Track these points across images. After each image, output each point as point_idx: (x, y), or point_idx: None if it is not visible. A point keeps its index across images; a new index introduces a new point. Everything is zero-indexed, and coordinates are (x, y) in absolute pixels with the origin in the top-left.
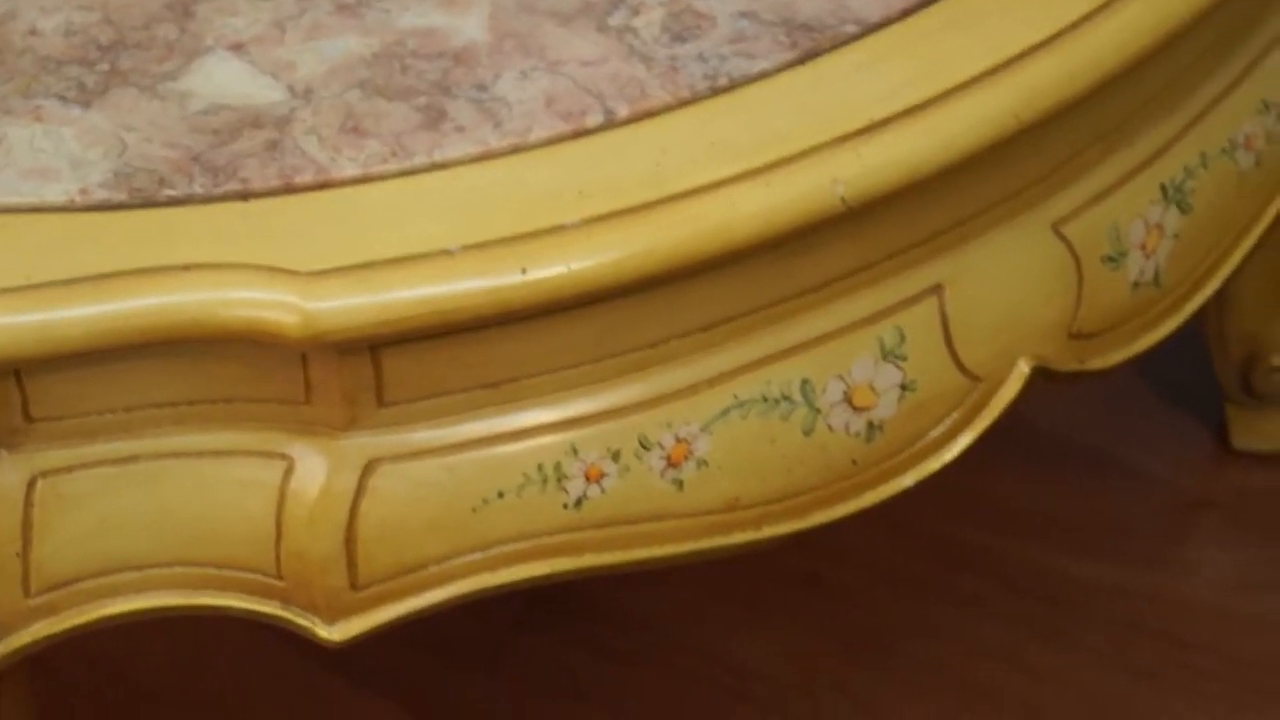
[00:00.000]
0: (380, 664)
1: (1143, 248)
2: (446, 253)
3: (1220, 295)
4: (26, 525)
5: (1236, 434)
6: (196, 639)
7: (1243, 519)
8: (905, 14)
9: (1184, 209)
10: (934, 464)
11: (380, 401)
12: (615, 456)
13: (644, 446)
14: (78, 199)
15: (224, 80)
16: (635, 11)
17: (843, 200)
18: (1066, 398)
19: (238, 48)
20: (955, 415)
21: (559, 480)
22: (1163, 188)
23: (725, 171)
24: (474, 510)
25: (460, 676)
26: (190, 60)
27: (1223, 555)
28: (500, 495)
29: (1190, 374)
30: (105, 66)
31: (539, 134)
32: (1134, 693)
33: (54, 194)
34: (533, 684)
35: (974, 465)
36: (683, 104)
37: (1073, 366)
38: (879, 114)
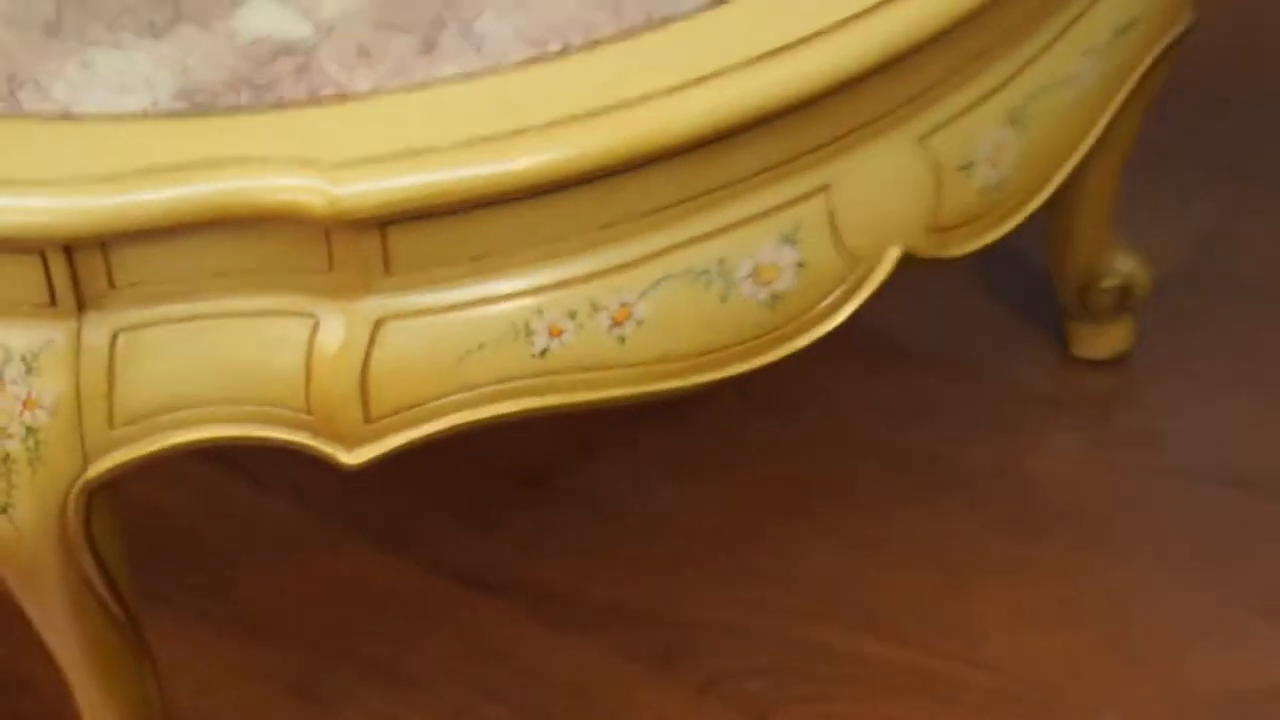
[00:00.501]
0: (396, 525)
1: (990, 160)
2: (438, 148)
3: (1060, 230)
4: (110, 371)
5: (1075, 344)
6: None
7: (1080, 410)
8: None
9: (1023, 130)
10: (824, 329)
11: (387, 271)
12: (572, 316)
13: (594, 309)
14: (150, 109)
15: (263, 19)
16: None
17: (764, 108)
18: (941, 320)
19: None
20: (840, 290)
21: (527, 335)
22: (1008, 111)
23: (660, 86)
24: (460, 359)
25: (469, 535)
26: (237, 5)
27: (1065, 435)
28: (481, 347)
29: (1036, 298)
30: (170, 10)
31: (511, 59)
32: (990, 540)
33: (130, 105)
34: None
35: (869, 377)
36: (626, 36)
37: (933, 253)
38: (779, 42)
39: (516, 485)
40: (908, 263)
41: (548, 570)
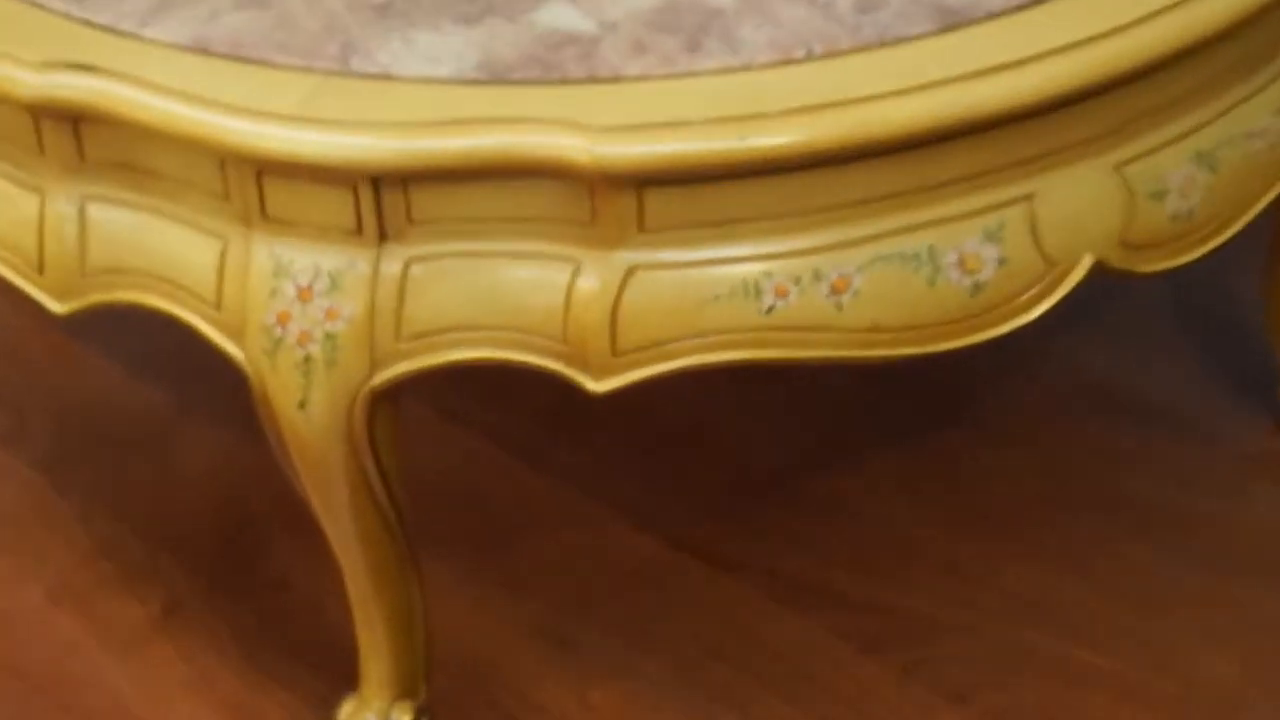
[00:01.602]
0: (654, 507)
1: (1180, 191)
2: (691, 122)
3: (1277, 297)
4: (401, 292)
5: None
6: None
7: None
8: (1020, 8)
9: (1213, 170)
10: (1021, 320)
11: (640, 228)
12: (796, 281)
13: (817, 277)
14: (455, 76)
15: (559, 16)
16: None
17: (967, 118)
18: (1162, 376)
19: (572, 1)
20: (1037, 288)
21: (757, 294)
22: (1198, 153)
23: (882, 90)
24: (697, 308)
25: (716, 521)
26: (539, 5)
27: (1273, 489)
28: (716, 299)
29: (1255, 361)
30: (484, 4)
31: (762, 60)
32: (1191, 574)
33: (441, 72)
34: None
35: (1091, 423)
36: (860, 50)
37: (1123, 266)
38: (986, 65)
39: (764, 483)
40: (1100, 270)
41: (782, 557)
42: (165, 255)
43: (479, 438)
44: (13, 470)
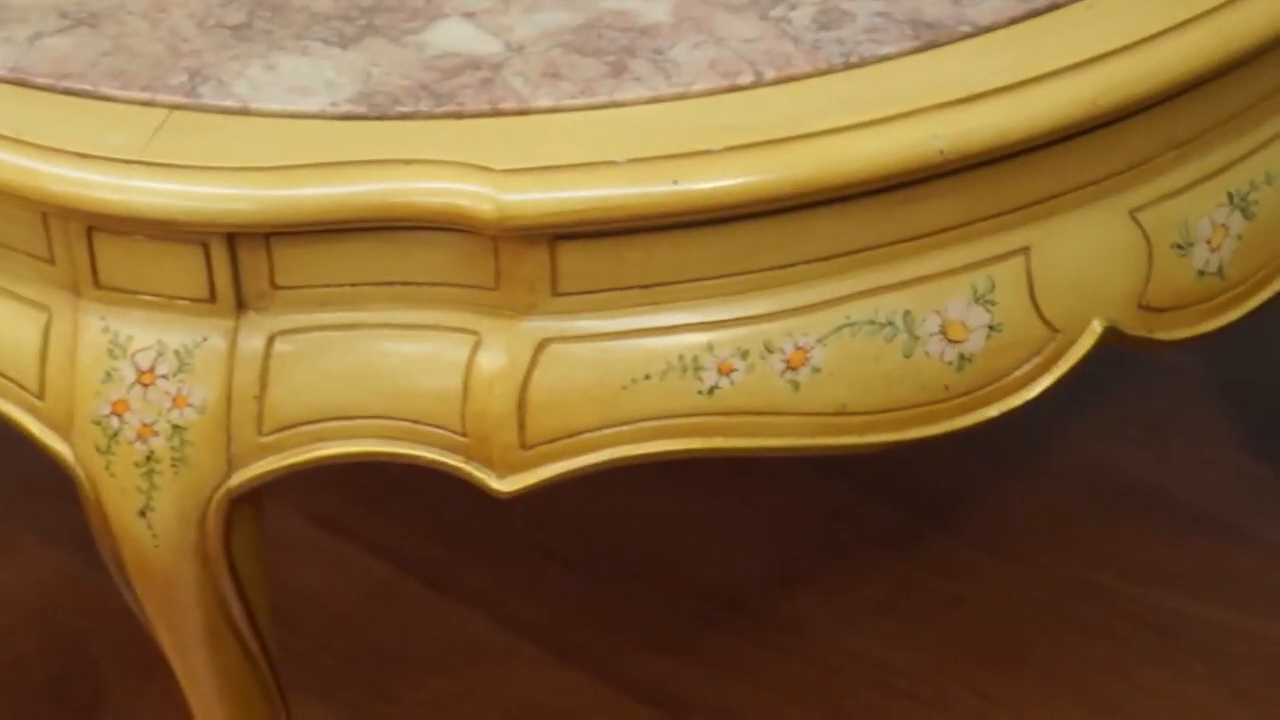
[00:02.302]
0: (580, 637)
1: (1209, 242)
2: (614, 163)
3: None
4: (264, 374)
5: None
6: None
7: None
8: (1012, 22)
9: (1248, 215)
10: (1016, 400)
11: (554, 291)
12: (744, 355)
13: (768, 350)
14: (328, 110)
15: (455, 36)
16: (792, 6)
17: (941, 153)
18: (1202, 475)
19: (469, 15)
20: (1036, 360)
21: (696, 370)
22: (1229, 195)
23: (845, 121)
24: (624, 388)
25: (655, 653)
26: (430, 22)
27: None
28: (646, 377)
29: None
30: (363, 22)
31: (700, 86)
32: (1220, 705)
33: (309, 105)
34: None
35: (1113, 527)
36: (819, 73)
37: (1141, 333)
38: (977, 89)
39: (713, 605)
40: (1114, 338)
41: (736, 695)
42: None
43: (364, 552)
44: None
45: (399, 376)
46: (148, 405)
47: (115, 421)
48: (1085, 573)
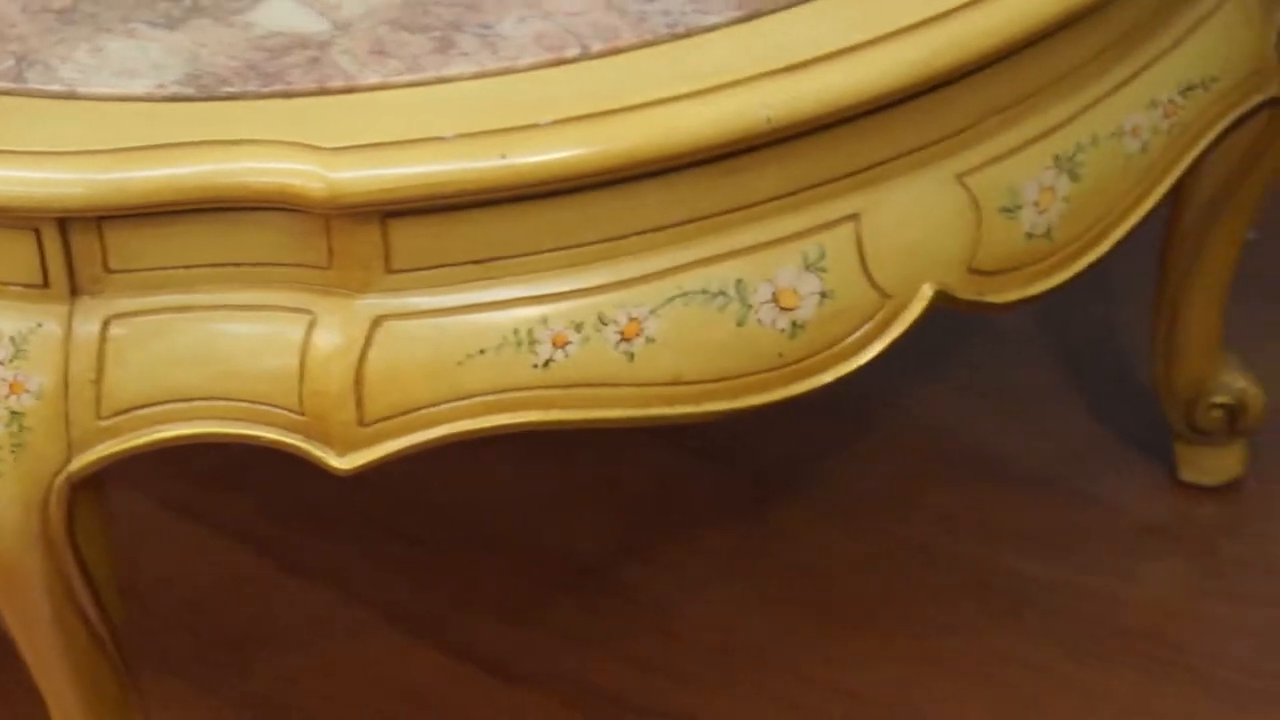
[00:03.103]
0: (431, 613)
1: (1036, 205)
2: (442, 139)
3: (1165, 343)
4: (100, 358)
5: (1183, 468)
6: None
7: (1184, 538)
8: None
9: (1075, 178)
10: (849, 366)
11: (387, 269)
12: (578, 328)
13: (602, 322)
14: (155, 92)
15: (281, 15)
16: None
17: (768, 120)
18: (1044, 439)
19: None
20: (868, 326)
21: (530, 344)
22: (1056, 158)
23: (673, 92)
24: (459, 364)
25: (506, 626)
26: (257, 2)
27: (1162, 563)
28: (481, 352)
29: (1145, 420)
30: (189, 3)
31: (526, 60)
32: (1063, 665)
33: (136, 88)
34: None
35: (960, 494)
36: (646, 44)
37: (971, 296)
38: (803, 57)
39: (563, 577)
40: (945, 302)
41: (586, 667)
42: None
43: (212, 533)
44: None
45: (235, 358)
46: None
47: None
48: (931, 537)
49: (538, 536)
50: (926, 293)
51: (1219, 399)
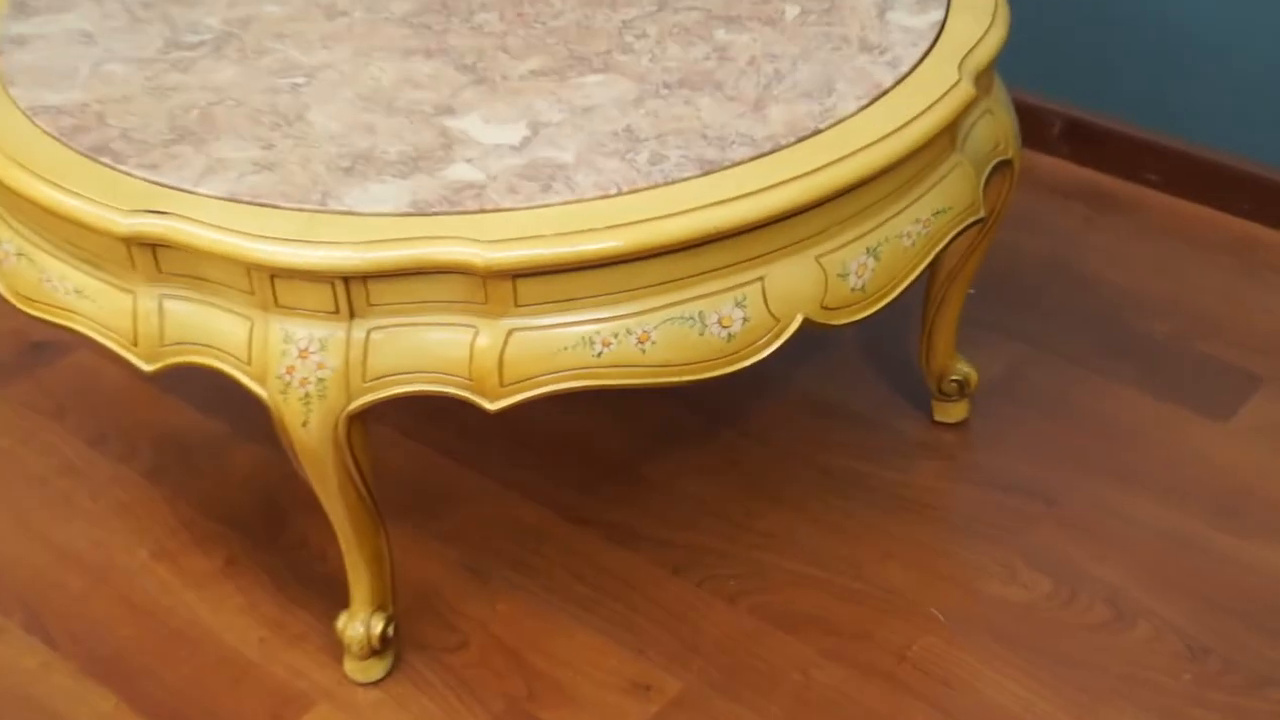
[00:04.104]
0: (531, 482)
1: (856, 273)
2: (543, 236)
3: (926, 347)
4: (365, 350)
5: (936, 414)
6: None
7: (936, 449)
8: (754, 158)
9: (877, 259)
10: (758, 356)
11: (515, 304)
12: (615, 336)
13: (628, 332)
14: (395, 210)
15: (461, 171)
16: (636, 154)
17: (716, 229)
18: (859, 395)
19: (469, 160)
20: (768, 335)
21: (590, 344)
22: (867, 248)
23: (665, 212)
24: (553, 354)
25: (572, 490)
26: (448, 165)
27: (926, 463)
28: (565, 349)
29: (915, 387)
30: (411, 166)
31: (589, 195)
32: (867, 512)
33: (385, 208)
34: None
35: (812, 422)
36: (652, 187)
37: (822, 320)
38: (734, 194)
39: (606, 468)
40: (808, 324)
41: (620, 514)
42: (214, 331)
43: (421, 445)
44: (125, 476)
45: (436, 350)
46: (304, 368)
47: (288, 377)
48: (803, 450)
49: (594, 449)
50: (798, 319)
51: (954, 377)
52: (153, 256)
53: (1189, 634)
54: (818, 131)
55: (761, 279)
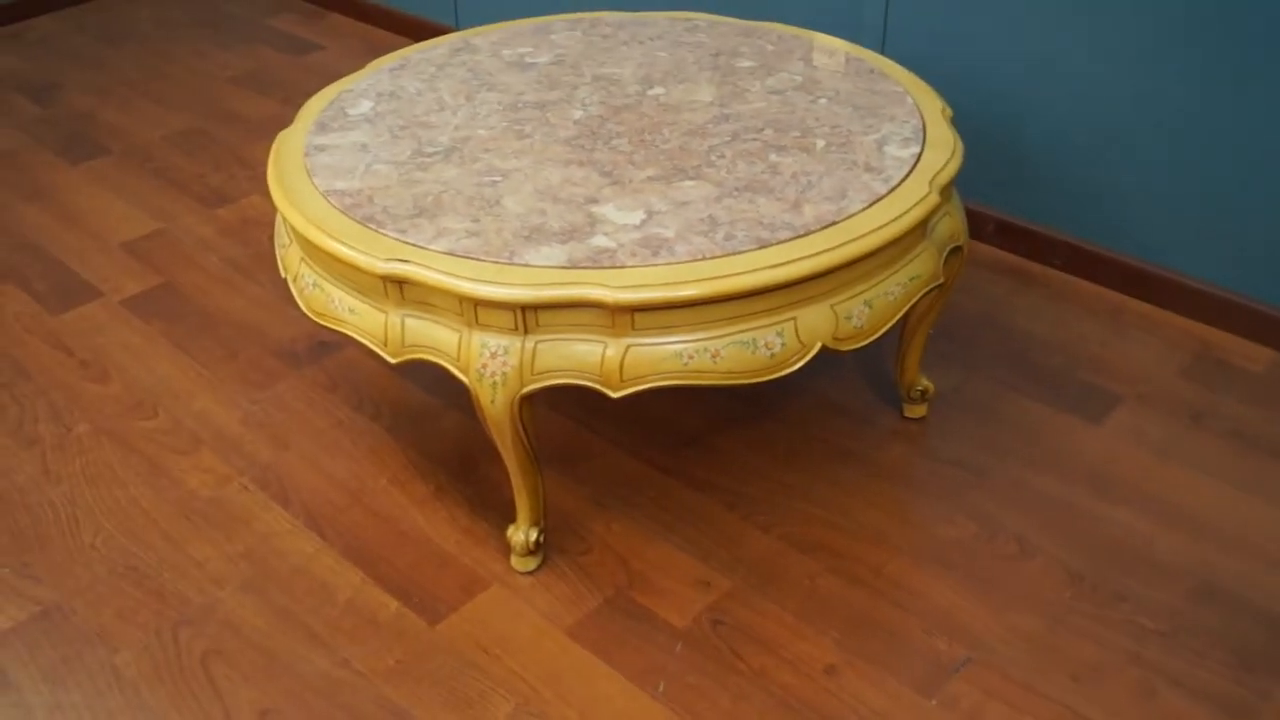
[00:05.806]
0: (636, 444)
1: (858, 316)
2: (652, 285)
3: (899, 365)
4: (533, 355)
5: (905, 411)
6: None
7: (905, 435)
8: (793, 239)
9: (871, 308)
10: (791, 369)
11: (633, 328)
12: (698, 351)
13: (705, 350)
14: (554, 265)
15: (598, 240)
16: (714, 231)
17: (766, 285)
18: (854, 395)
19: (607, 233)
20: (797, 355)
21: (680, 356)
22: (865, 300)
23: (732, 271)
24: (656, 362)
25: (665, 452)
26: (592, 236)
27: (898, 446)
28: (664, 359)
29: (890, 392)
30: (566, 236)
31: (682, 259)
32: (852, 475)
33: (549, 262)
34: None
35: (819, 410)
36: (726, 255)
37: (835, 347)
38: (780, 261)
39: (689, 437)
40: (824, 350)
41: (698, 469)
42: (437, 339)
43: (566, 418)
44: (374, 430)
45: (579, 356)
46: (494, 365)
47: (483, 370)
48: (813, 431)
49: (678, 425)
50: (818, 345)
51: (919, 388)
52: (399, 289)
53: (1070, 566)
54: (835, 223)
55: (794, 319)
